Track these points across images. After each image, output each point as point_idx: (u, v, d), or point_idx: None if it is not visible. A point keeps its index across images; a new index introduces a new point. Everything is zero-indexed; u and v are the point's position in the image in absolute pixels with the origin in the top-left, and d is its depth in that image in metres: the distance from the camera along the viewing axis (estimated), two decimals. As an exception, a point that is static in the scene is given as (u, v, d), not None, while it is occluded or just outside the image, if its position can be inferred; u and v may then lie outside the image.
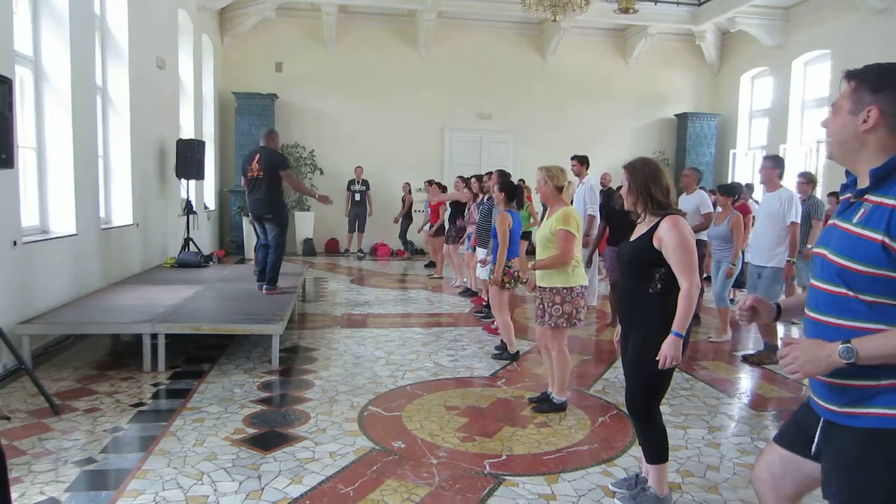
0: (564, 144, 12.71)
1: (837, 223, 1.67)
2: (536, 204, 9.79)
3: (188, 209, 8.88)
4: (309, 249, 12.72)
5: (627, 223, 5.33)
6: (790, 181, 6.48)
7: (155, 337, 4.83)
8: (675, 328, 2.66)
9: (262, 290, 6.32)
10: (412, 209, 12.58)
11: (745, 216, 6.42)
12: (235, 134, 12.38)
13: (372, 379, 4.79)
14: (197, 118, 10.63)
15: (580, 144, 13.04)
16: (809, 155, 11.69)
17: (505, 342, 5.48)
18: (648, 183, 2.82)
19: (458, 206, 9.36)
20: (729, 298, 6.39)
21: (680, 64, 14.33)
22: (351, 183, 12.57)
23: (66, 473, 3.13)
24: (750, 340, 6.42)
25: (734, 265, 6.03)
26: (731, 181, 12.14)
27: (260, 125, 12.34)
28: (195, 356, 5.26)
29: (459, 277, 9.29)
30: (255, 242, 6.53)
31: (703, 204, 6.69)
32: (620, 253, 2.99)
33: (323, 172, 13.00)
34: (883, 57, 1.79)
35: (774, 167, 5.49)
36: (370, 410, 4.12)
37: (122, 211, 7.41)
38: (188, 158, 8.58)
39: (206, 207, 11.17)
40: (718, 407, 4.44)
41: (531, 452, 3.54)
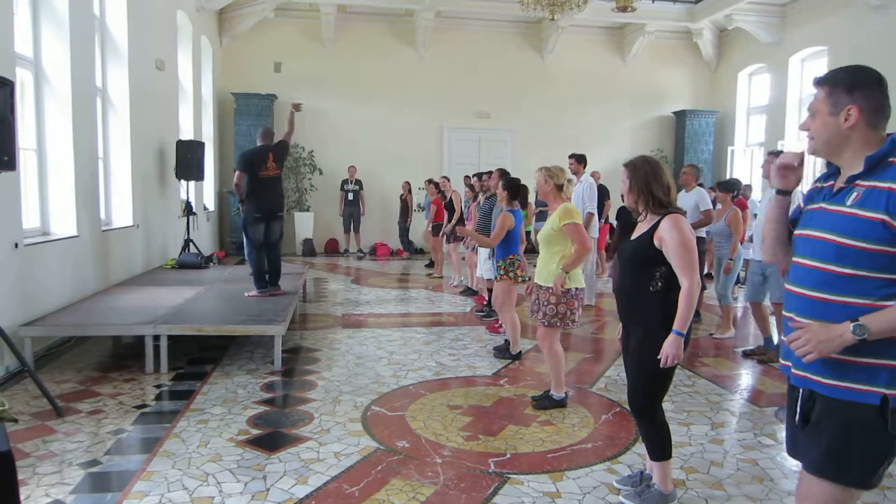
0: (563, 143, 12.73)
1: (827, 207, 1.82)
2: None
3: (188, 210, 8.87)
4: (308, 250, 12.72)
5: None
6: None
7: (157, 338, 4.83)
8: (676, 327, 2.67)
9: (273, 293, 6.27)
10: (412, 208, 12.57)
11: (741, 212, 6.46)
12: (235, 135, 12.37)
13: (374, 379, 4.79)
14: (196, 119, 10.62)
15: (579, 143, 13.07)
16: (807, 151, 11.71)
17: (509, 341, 5.49)
18: (649, 181, 2.82)
19: (452, 206, 9.38)
20: (732, 296, 6.40)
21: (677, 62, 14.34)
22: (344, 182, 12.56)
23: (70, 475, 3.14)
24: (750, 336, 6.43)
25: (731, 260, 6.05)
26: (729, 177, 12.17)
27: (259, 126, 12.28)
28: (197, 357, 5.26)
29: (458, 276, 9.29)
30: (249, 246, 6.35)
31: (702, 201, 6.70)
32: (621, 251, 3.00)
33: (322, 172, 13.01)
34: (880, 53, 1.89)
35: None
36: (373, 410, 4.13)
37: (122, 212, 7.41)
38: (188, 159, 8.58)
39: (205, 208, 11.17)
40: (721, 403, 4.45)
41: (535, 451, 3.55)
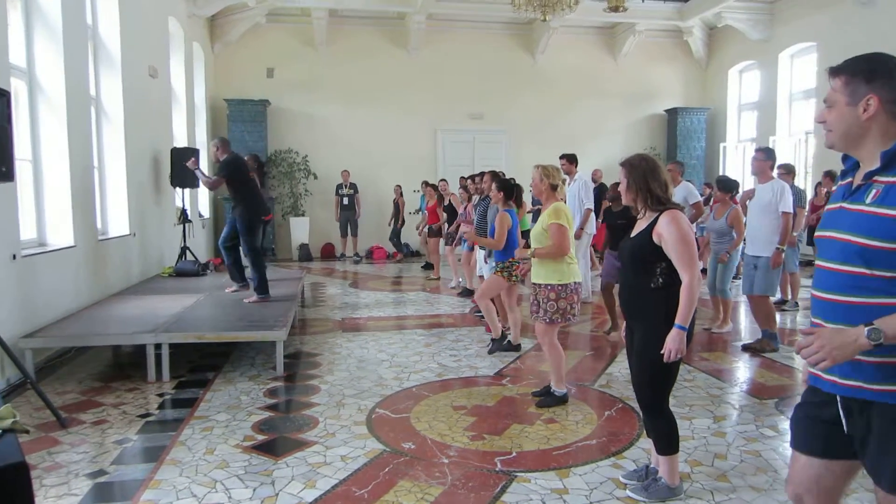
0: (556, 142, 12.76)
1: (846, 206, 1.72)
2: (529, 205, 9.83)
3: (184, 218, 8.86)
4: (305, 255, 12.71)
5: (621, 225, 5.41)
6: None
7: (159, 347, 4.82)
8: (678, 321, 2.69)
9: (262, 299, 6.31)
10: (403, 211, 12.54)
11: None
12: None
13: (377, 382, 4.80)
14: (189, 126, 10.60)
15: (572, 142, 13.13)
16: (798, 146, 11.81)
17: (505, 334, 5.58)
18: (647, 178, 2.85)
19: (452, 209, 9.41)
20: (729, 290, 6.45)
21: (668, 60, 14.42)
22: (339, 187, 12.56)
23: (78, 486, 3.13)
24: (748, 330, 6.47)
25: (729, 253, 6.11)
26: (722, 174, 12.25)
27: (252, 131, 12.39)
28: (199, 365, 5.25)
29: (456, 278, 9.31)
30: (256, 244, 6.42)
31: (690, 195, 6.77)
32: (622, 249, 3.03)
33: (317, 177, 13.01)
34: (868, 48, 1.86)
35: (766, 159, 5.58)
36: (378, 413, 4.14)
37: (118, 221, 7.39)
38: (183, 167, 8.54)
39: (200, 216, 11.15)
40: (722, 396, 4.49)
41: (540, 448, 3.57)
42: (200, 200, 11.30)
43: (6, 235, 4.70)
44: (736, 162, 13.72)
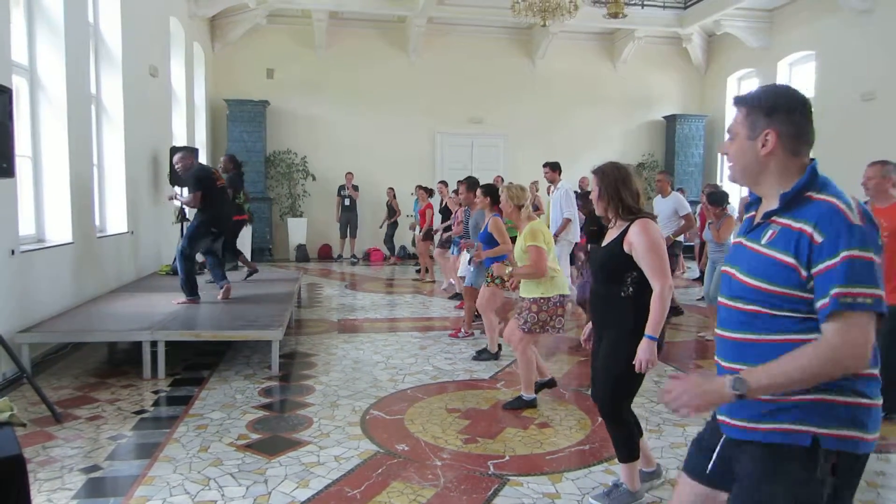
0: (554, 147, 12.83)
1: (744, 242, 1.67)
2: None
3: (181, 216, 8.86)
4: (302, 255, 12.73)
5: (592, 232, 5.40)
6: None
7: (154, 344, 4.84)
8: (648, 331, 2.67)
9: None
10: (397, 214, 12.54)
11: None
12: (227, 141, 12.36)
13: (372, 383, 4.82)
14: (189, 125, 10.62)
15: (570, 147, 13.20)
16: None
17: (488, 342, 5.60)
18: (619, 188, 2.84)
19: (449, 212, 9.43)
20: None
21: (667, 66, 14.48)
22: (341, 188, 12.59)
23: (72, 481, 3.15)
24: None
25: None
26: (717, 182, 12.32)
27: (251, 132, 12.42)
28: (194, 363, 5.27)
29: (447, 280, 9.34)
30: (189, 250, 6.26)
31: (680, 206, 6.78)
32: (593, 258, 3.03)
33: (315, 178, 13.04)
34: (867, 57, 1.86)
35: None
36: (372, 414, 4.15)
37: (116, 219, 7.41)
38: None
39: (198, 214, 11.14)
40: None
41: (534, 452, 3.59)
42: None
43: (5, 231, 4.72)
44: (733, 170, 13.78)
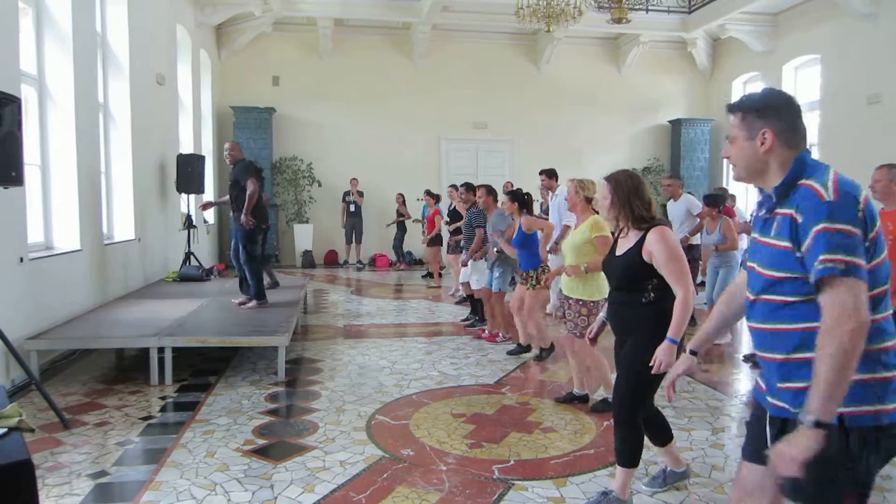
0: (560, 152, 12.85)
1: (759, 238, 1.82)
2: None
3: (188, 223, 8.93)
4: (308, 261, 12.77)
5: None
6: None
7: (162, 350, 4.87)
8: (670, 335, 2.68)
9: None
10: (407, 218, 12.58)
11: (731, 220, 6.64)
12: (233, 148, 12.42)
13: (377, 388, 4.83)
14: (196, 133, 10.70)
15: (575, 152, 13.20)
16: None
17: (520, 345, 5.67)
18: (631, 197, 2.87)
19: (458, 215, 9.43)
20: None
21: (672, 71, 14.47)
22: (346, 194, 12.63)
23: (79, 486, 3.17)
24: (749, 341, 6.49)
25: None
26: (722, 186, 12.29)
27: (258, 138, 12.49)
28: (201, 369, 5.30)
29: (456, 285, 9.33)
30: (256, 252, 6.37)
31: (692, 206, 6.82)
32: (609, 267, 3.03)
33: (321, 184, 13.09)
34: (870, 61, 1.92)
35: None
36: (378, 419, 4.17)
37: (123, 226, 7.46)
38: (188, 173, 8.64)
39: (205, 221, 11.21)
40: (721, 408, 4.51)
41: (538, 457, 3.59)
42: (205, 206, 11.36)
43: (14, 239, 4.77)
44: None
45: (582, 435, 3.92)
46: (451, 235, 9.41)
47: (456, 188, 10.16)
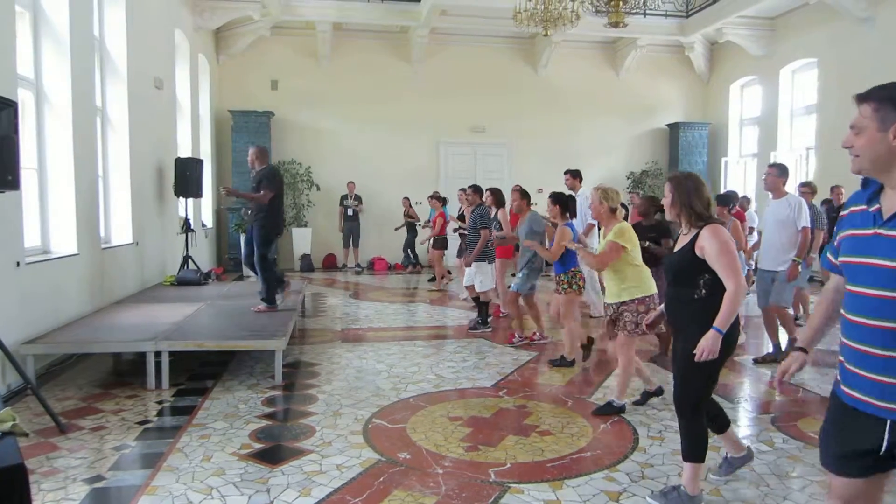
0: (558, 156, 12.87)
1: (883, 232, 1.75)
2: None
3: (186, 227, 8.93)
4: (307, 265, 12.77)
5: (652, 238, 5.53)
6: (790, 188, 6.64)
7: (158, 355, 4.86)
8: (716, 324, 2.79)
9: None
10: (415, 222, 12.56)
11: (740, 223, 6.60)
12: (232, 152, 12.46)
13: (375, 392, 4.83)
14: (194, 136, 10.71)
15: (574, 156, 13.21)
16: (800, 161, 11.85)
17: (567, 349, 5.60)
18: (692, 196, 2.99)
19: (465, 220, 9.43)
20: None
21: (670, 74, 14.52)
22: (343, 198, 12.63)
23: (75, 491, 3.16)
24: (754, 344, 6.48)
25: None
26: (724, 189, 12.29)
27: (256, 142, 12.42)
28: (198, 373, 5.29)
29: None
30: (269, 256, 6.34)
31: None
32: (667, 263, 3.15)
33: (319, 188, 13.09)
34: (867, 65, 1.90)
35: (780, 175, 5.63)
36: (374, 423, 4.16)
37: (121, 230, 7.45)
38: (187, 177, 8.64)
39: (203, 225, 11.22)
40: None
41: (535, 460, 3.58)
42: (203, 210, 11.38)
43: (11, 243, 4.77)
44: (737, 176, 13.78)
45: (578, 438, 3.92)
46: (461, 239, 9.40)
47: (465, 191, 10.17)
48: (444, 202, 10.89)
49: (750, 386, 5.19)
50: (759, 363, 5.68)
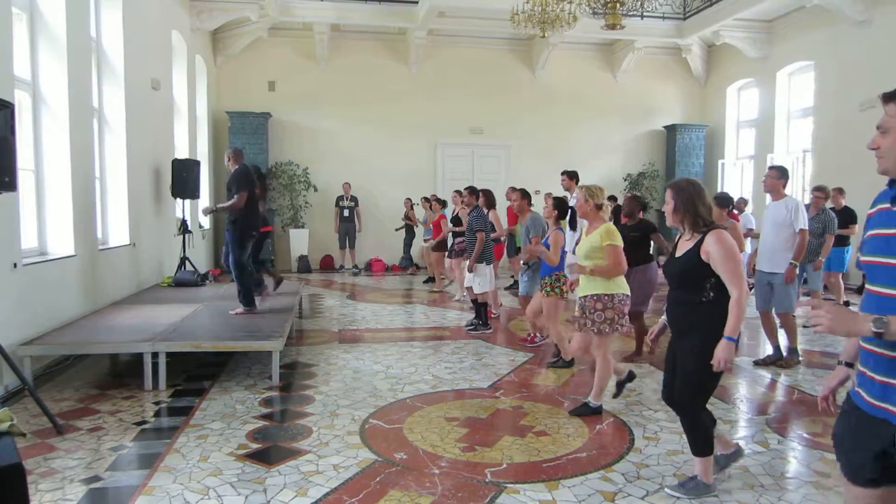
0: (556, 157, 12.88)
1: None
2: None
3: (184, 228, 8.93)
4: (304, 266, 12.77)
5: (634, 238, 5.56)
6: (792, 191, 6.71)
7: (156, 355, 4.86)
8: (727, 333, 2.86)
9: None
10: (414, 224, 12.56)
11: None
12: (229, 153, 12.43)
13: (372, 392, 4.84)
14: (191, 138, 10.70)
15: (571, 157, 13.23)
16: (796, 164, 11.89)
17: (559, 350, 5.63)
18: (694, 202, 3.03)
19: (459, 221, 9.43)
20: None
21: (667, 77, 14.56)
22: (339, 199, 12.64)
23: (73, 492, 3.17)
24: (750, 346, 6.49)
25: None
26: (721, 191, 12.33)
27: (253, 143, 12.49)
28: (195, 374, 5.29)
29: (461, 292, 9.34)
30: (243, 259, 6.32)
31: None
32: (669, 267, 3.18)
33: (317, 189, 13.10)
34: (865, 68, 1.89)
35: (780, 177, 5.65)
36: (371, 423, 4.17)
37: (118, 231, 7.45)
38: (184, 178, 8.64)
39: (200, 226, 11.21)
40: (714, 412, 4.50)
41: (531, 460, 3.60)
42: (200, 212, 11.36)
43: (8, 244, 4.77)
44: (734, 179, 13.82)
45: (574, 438, 3.93)
46: (453, 240, 9.42)
47: (460, 193, 10.18)
48: (443, 205, 10.90)
49: (746, 387, 5.21)
50: (759, 365, 5.70)
